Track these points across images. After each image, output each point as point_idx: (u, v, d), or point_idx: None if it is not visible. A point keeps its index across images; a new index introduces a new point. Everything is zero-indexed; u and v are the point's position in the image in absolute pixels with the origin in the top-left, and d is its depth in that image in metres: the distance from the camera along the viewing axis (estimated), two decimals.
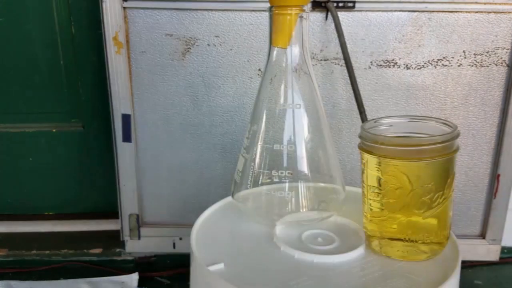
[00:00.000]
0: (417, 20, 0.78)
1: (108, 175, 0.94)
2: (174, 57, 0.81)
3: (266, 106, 0.52)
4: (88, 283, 0.86)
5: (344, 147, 0.85)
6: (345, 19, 0.78)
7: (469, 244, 0.90)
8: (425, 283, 0.43)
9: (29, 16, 0.90)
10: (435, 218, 0.45)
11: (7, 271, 0.90)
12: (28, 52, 0.92)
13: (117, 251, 0.94)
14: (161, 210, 0.90)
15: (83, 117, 0.97)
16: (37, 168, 0.99)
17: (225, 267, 0.45)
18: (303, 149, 0.52)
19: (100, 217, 1.01)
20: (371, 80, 0.81)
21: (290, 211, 0.52)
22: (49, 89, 0.95)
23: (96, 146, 0.98)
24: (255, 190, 0.53)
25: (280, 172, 0.52)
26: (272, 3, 0.50)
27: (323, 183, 0.54)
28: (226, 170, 0.87)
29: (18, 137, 0.97)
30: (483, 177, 0.87)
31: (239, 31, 0.79)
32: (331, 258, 0.46)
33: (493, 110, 0.83)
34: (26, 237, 0.98)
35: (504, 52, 0.80)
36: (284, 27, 0.50)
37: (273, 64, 0.52)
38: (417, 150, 0.43)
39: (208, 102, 0.83)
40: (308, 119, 0.52)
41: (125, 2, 0.78)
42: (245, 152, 0.54)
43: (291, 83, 0.51)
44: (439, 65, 0.80)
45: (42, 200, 1.01)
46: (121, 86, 0.82)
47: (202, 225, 0.54)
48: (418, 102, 0.82)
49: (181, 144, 0.86)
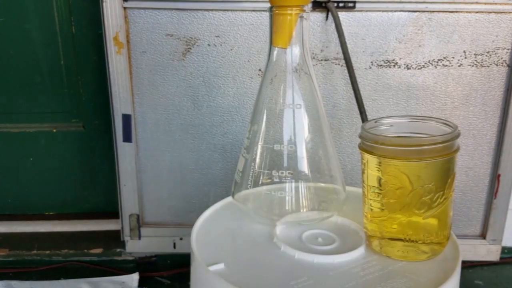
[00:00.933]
0: (417, 20, 0.78)
1: (109, 175, 0.94)
2: (174, 57, 0.81)
3: (266, 106, 0.52)
4: (88, 283, 0.86)
5: (345, 147, 0.85)
6: (345, 19, 0.78)
7: (469, 244, 0.90)
8: (425, 283, 0.43)
9: (29, 16, 0.90)
10: (435, 218, 0.45)
11: (7, 271, 0.90)
12: (28, 52, 0.92)
13: (118, 251, 0.94)
14: (162, 210, 0.90)
15: (84, 117, 0.97)
16: (37, 168, 0.99)
17: (225, 267, 0.45)
18: (304, 149, 0.52)
19: (101, 217, 1.01)
20: (371, 80, 0.81)
21: (291, 211, 0.52)
22: (49, 89, 0.95)
23: (97, 146, 0.98)
24: (256, 190, 0.53)
25: (280, 172, 0.52)
26: (273, 3, 0.50)
27: (323, 183, 0.54)
28: (227, 170, 0.87)
29: (18, 137, 0.97)
30: (484, 177, 0.87)
31: (239, 31, 0.79)
32: (331, 258, 0.46)
33: (494, 110, 0.83)
34: (26, 237, 0.98)
35: (505, 52, 0.80)
36: (284, 27, 0.50)
37: (273, 64, 0.52)
38: (418, 150, 0.43)
39: (208, 102, 0.83)
40: (308, 119, 0.52)
41: (125, 2, 0.78)
42: (245, 152, 0.54)
43: (291, 83, 0.51)
44: (439, 65, 0.80)
45: (42, 200, 1.01)
46: (122, 86, 0.82)
47: (202, 225, 0.54)
48: (419, 102, 0.82)
49: (182, 144, 0.86)
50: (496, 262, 0.91)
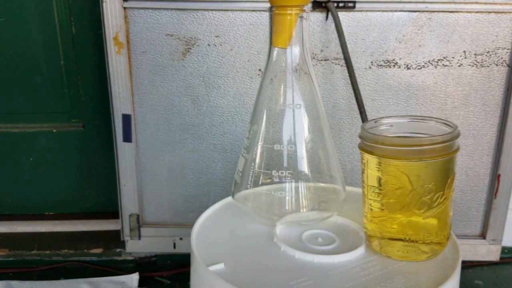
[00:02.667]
0: (417, 20, 0.78)
1: (109, 175, 0.94)
2: (174, 57, 0.81)
3: (266, 106, 0.53)
4: (88, 283, 0.86)
5: (344, 147, 0.85)
6: (345, 19, 0.78)
7: (469, 244, 0.90)
8: (425, 283, 0.43)
9: (29, 16, 0.90)
10: (435, 218, 0.45)
11: (7, 271, 0.90)
12: (28, 52, 0.92)
13: (118, 251, 0.94)
14: (162, 210, 0.90)
15: (84, 117, 0.97)
16: (37, 168, 0.99)
17: (225, 267, 0.45)
18: (304, 149, 0.52)
19: (101, 217, 1.01)
20: (371, 80, 0.81)
21: (291, 211, 0.52)
22: (49, 89, 0.95)
23: (97, 146, 0.98)
24: (256, 190, 0.53)
25: (280, 172, 0.52)
26: (272, 3, 0.50)
27: (323, 183, 0.54)
28: (226, 170, 0.87)
29: (18, 137, 0.97)
30: (484, 177, 0.87)
31: (239, 31, 0.79)
32: (331, 258, 0.46)
33: (494, 110, 0.83)
34: (26, 237, 0.98)
35: (505, 52, 0.80)
36: (284, 27, 0.50)
37: (273, 64, 0.52)
38: (418, 150, 0.43)
39: (208, 102, 0.83)
40: (308, 119, 0.52)
41: (125, 2, 0.78)
42: (245, 152, 0.54)
43: (291, 83, 0.51)
44: (439, 65, 0.80)
45: (42, 200, 1.01)
46: (122, 86, 0.82)
47: (202, 225, 0.54)
48: (419, 102, 0.82)
49: (182, 144, 0.86)
50: (496, 262, 0.91)
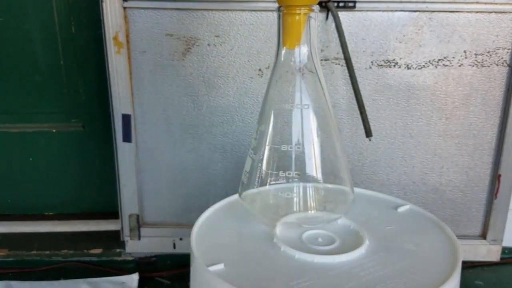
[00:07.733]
0: (418, 20, 0.78)
1: (108, 175, 0.94)
2: (174, 57, 0.81)
3: (274, 106, 0.52)
4: (88, 283, 0.86)
5: (344, 147, 0.85)
6: (345, 19, 0.78)
7: (469, 245, 0.90)
8: (425, 283, 0.43)
9: (29, 16, 0.90)
10: None
11: (7, 271, 0.90)
12: (28, 52, 0.92)
13: (117, 251, 0.94)
14: (161, 210, 0.90)
15: (83, 117, 0.97)
16: (37, 168, 0.99)
17: (225, 267, 0.45)
18: (311, 150, 0.51)
19: (100, 217, 1.01)
20: (371, 80, 0.81)
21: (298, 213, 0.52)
22: (49, 89, 0.95)
23: (96, 146, 0.98)
24: (262, 191, 0.53)
25: (287, 173, 0.51)
26: (281, 3, 0.49)
27: (331, 184, 0.53)
28: (226, 170, 0.87)
29: (18, 137, 0.97)
30: (484, 177, 0.87)
31: (239, 31, 0.79)
32: (332, 258, 0.46)
33: (494, 110, 0.83)
34: (26, 237, 0.98)
35: (505, 52, 0.80)
36: (293, 27, 0.50)
37: (281, 64, 0.51)
38: None
39: (208, 102, 0.83)
40: (316, 119, 0.51)
41: (125, 2, 0.77)
42: (252, 153, 0.53)
43: (299, 83, 0.51)
44: (440, 65, 0.80)
45: (42, 200, 1.01)
46: (121, 86, 0.81)
47: (202, 225, 0.54)
48: (419, 102, 0.82)
49: (181, 144, 0.86)
50: (497, 262, 0.91)
